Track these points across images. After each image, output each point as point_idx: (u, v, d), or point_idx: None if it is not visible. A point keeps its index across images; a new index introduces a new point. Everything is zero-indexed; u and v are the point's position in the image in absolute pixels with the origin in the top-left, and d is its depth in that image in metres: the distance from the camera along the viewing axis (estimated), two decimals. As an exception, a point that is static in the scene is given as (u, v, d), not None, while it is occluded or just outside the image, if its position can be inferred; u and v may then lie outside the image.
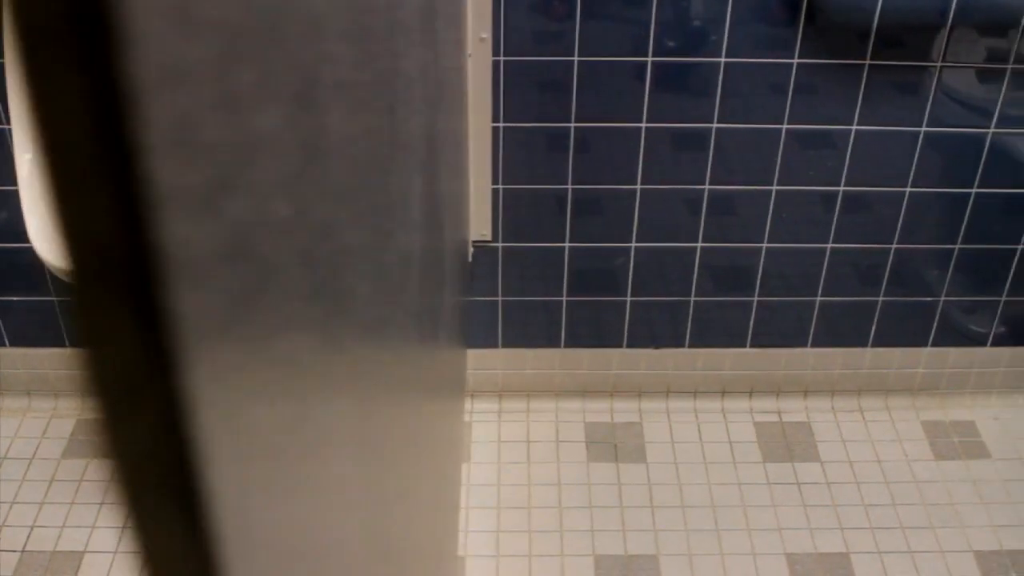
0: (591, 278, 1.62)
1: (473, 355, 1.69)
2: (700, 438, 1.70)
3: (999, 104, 1.48)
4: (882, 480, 1.64)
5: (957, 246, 1.61)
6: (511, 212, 1.55)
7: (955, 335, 1.71)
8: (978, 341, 1.71)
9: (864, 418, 1.75)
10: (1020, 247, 1.61)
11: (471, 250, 1.55)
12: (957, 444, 1.71)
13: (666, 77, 1.44)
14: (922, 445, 1.70)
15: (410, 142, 0.76)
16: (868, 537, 1.56)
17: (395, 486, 0.67)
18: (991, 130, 1.50)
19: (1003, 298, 1.67)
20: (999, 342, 1.71)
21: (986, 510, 1.60)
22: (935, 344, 1.71)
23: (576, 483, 1.62)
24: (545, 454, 1.67)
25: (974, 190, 1.56)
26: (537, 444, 1.69)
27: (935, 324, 1.69)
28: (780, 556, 1.53)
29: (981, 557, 1.54)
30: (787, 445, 1.70)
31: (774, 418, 1.74)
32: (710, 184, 1.54)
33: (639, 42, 1.41)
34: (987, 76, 1.46)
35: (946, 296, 1.66)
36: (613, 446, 1.69)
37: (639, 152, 1.50)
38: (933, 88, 1.46)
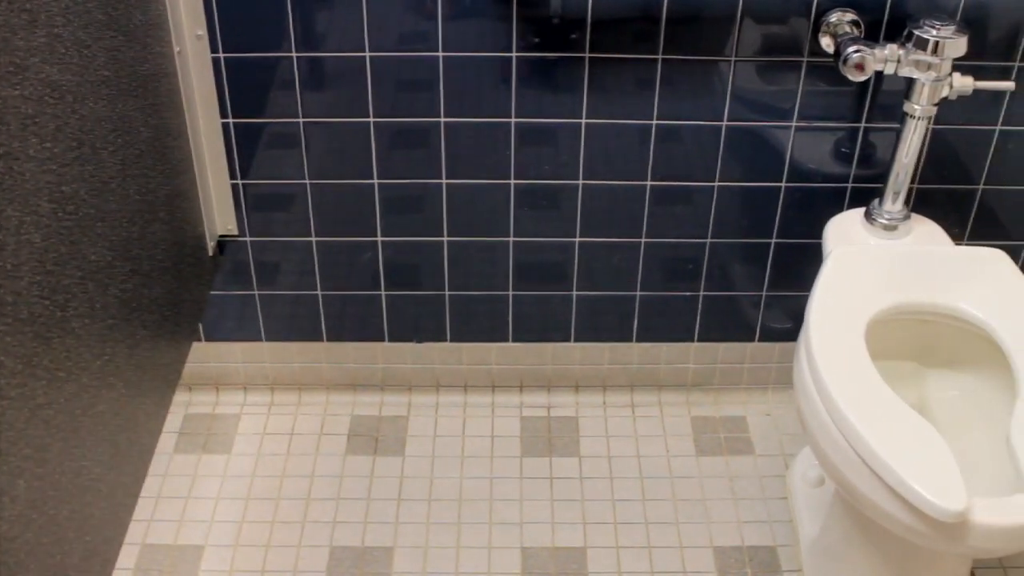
0: (341, 272, 1.63)
1: (239, 348, 1.71)
2: (463, 432, 1.71)
3: (728, 95, 1.47)
4: (637, 476, 1.64)
5: (708, 240, 1.60)
6: (257, 207, 1.57)
7: (720, 330, 1.69)
8: (744, 336, 1.70)
9: (634, 414, 1.74)
10: (773, 241, 1.60)
11: (211, 244, 1.56)
12: (723, 440, 1.69)
13: (387, 72, 1.45)
14: (687, 441, 1.69)
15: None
16: (609, 532, 1.55)
17: None
18: (724, 123, 1.49)
19: (764, 293, 1.65)
20: (767, 337, 1.70)
21: (735, 506, 1.59)
22: (701, 339, 1.70)
23: (329, 475, 1.64)
24: (306, 447, 1.68)
25: (716, 184, 1.55)
26: (300, 437, 1.70)
27: (698, 319, 1.68)
28: (516, 550, 1.53)
29: (720, 552, 1.52)
30: (549, 440, 1.69)
31: (542, 413, 1.74)
32: (447, 179, 1.54)
33: (356, 38, 1.42)
34: (710, 68, 1.45)
35: (705, 291, 1.65)
36: (374, 439, 1.70)
37: (371, 147, 1.51)
38: (659, 80, 1.45)
